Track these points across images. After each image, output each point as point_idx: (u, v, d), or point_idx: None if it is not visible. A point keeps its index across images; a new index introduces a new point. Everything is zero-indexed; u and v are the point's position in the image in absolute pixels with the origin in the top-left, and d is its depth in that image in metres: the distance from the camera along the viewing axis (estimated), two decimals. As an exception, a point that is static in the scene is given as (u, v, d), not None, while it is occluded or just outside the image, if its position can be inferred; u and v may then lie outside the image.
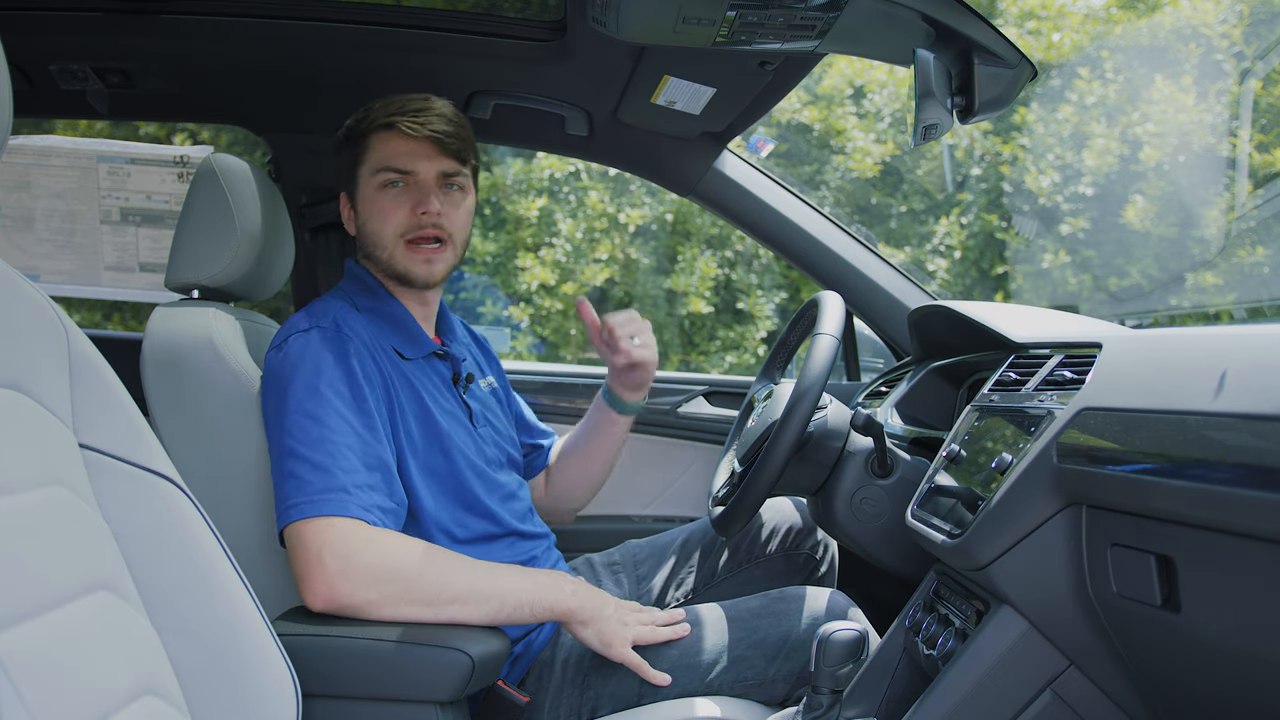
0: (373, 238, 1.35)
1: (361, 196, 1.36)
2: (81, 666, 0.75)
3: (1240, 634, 0.74)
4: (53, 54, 1.64)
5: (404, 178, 1.33)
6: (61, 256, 2.02)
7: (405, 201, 1.33)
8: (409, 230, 1.33)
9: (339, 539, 1.12)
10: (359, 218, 1.37)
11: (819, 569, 1.58)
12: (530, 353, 6.80)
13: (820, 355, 1.27)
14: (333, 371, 1.21)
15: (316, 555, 1.11)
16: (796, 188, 1.90)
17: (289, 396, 1.19)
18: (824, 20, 1.19)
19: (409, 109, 1.33)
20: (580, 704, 1.26)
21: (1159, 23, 6.75)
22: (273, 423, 1.21)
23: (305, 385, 1.19)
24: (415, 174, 1.33)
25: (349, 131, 1.38)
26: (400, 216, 1.33)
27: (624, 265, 6.85)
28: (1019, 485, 0.94)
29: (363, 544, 1.13)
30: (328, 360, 1.21)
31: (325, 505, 1.13)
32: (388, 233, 1.33)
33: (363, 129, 1.35)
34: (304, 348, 1.22)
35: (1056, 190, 6.74)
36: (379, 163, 1.33)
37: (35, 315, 0.85)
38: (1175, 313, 6.28)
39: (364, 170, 1.35)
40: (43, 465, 0.80)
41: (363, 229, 1.37)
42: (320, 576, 1.11)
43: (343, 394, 1.20)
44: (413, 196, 1.33)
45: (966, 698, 0.98)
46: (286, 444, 1.17)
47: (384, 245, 1.34)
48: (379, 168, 1.33)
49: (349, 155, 1.38)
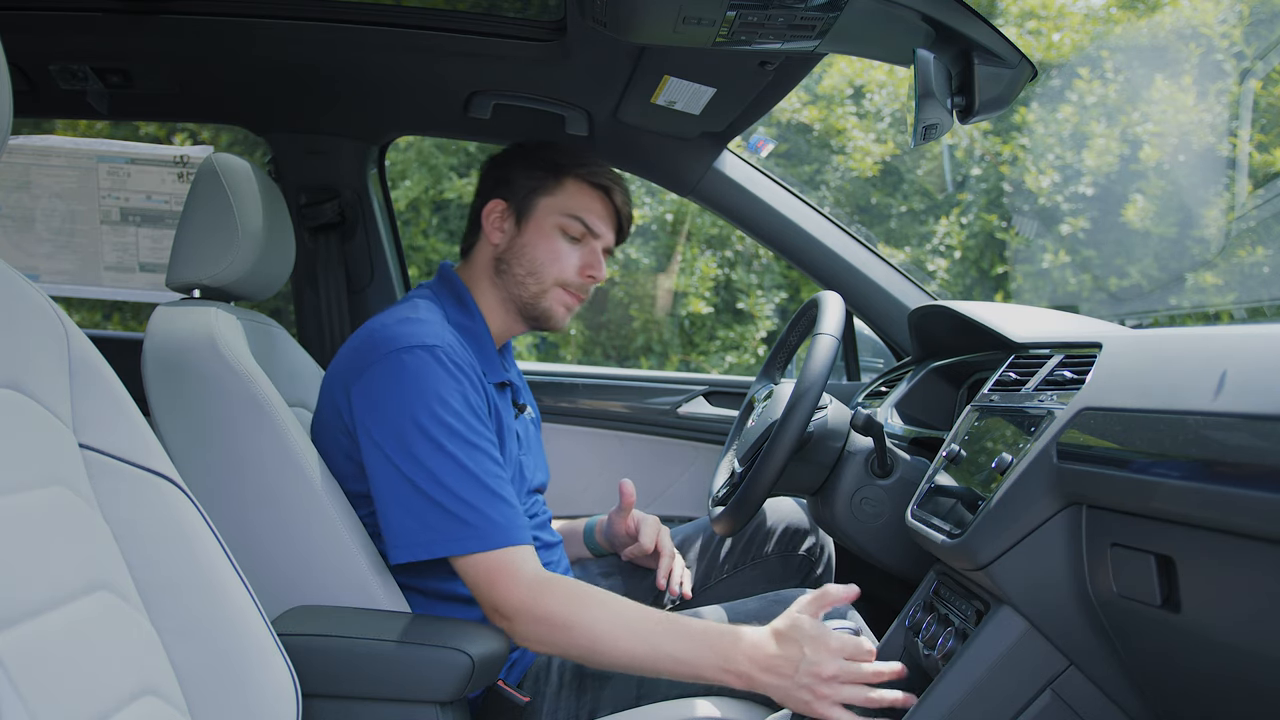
0: (531, 266, 1.36)
1: (536, 224, 1.37)
2: (82, 667, 0.75)
3: (1240, 634, 0.74)
4: (53, 54, 1.64)
5: (585, 235, 1.37)
6: (61, 256, 2.02)
7: (576, 255, 1.37)
8: (570, 284, 1.37)
9: (512, 561, 1.15)
10: (521, 238, 1.37)
11: (816, 570, 1.58)
12: (530, 353, 6.80)
13: (820, 355, 1.27)
14: (458, 401, 1.19)
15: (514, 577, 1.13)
16: (796, 188, 1.90)
17: (415, 421, 1.16)
18: (824, 20, 1.19)
19: (620, 185, 1.41)
20: (579, 707, 1.26)
21: (1159, 23, 6.75)
22: (390, 443, 1.17)
23: (432, 415, 1.16)
24: (598, 238, 1.39)
25: (547, 156, 1.39)
26: (569, 266, 1.37)
27: (624, 265, 6.85)
28: (1019, 485, 0.94)
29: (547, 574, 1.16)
30: (451, 388, 1.18)
31: (511, 534, 1.15)
32: (551, 273, 1.36)
33: (565, 165, 1.37)
34: (421, 369, 1.18)
35: (1056, 190, 6.74)
36: (575, 210, 1.37)
37: (35, 315, 0.85)
38: (1175, 313, 6.28)
39: (549, 202, 1.37)
40: (43, 465, 0.80)
41: (523, 253, 1.37)
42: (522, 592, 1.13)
43: (470, 424, 1.19)
44: (584, 254, 1.38)
45: (966, 698, 0.97)
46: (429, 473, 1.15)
47: (541, 280, 1.36)
48: (573, 214, 1.37)
49: (534, 176, 1.38)
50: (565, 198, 1.37)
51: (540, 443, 1.56)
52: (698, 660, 1.10)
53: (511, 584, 1.14)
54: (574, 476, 2.04)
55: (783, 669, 1.07)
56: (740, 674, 1.08)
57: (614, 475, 1.90)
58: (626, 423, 2.06)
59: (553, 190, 1.37)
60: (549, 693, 1.27)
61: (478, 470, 1.17)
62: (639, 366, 7.00)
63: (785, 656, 1.07)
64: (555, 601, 1.13)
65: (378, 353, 1.21)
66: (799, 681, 1.06)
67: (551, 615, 1.12)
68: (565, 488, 1.99)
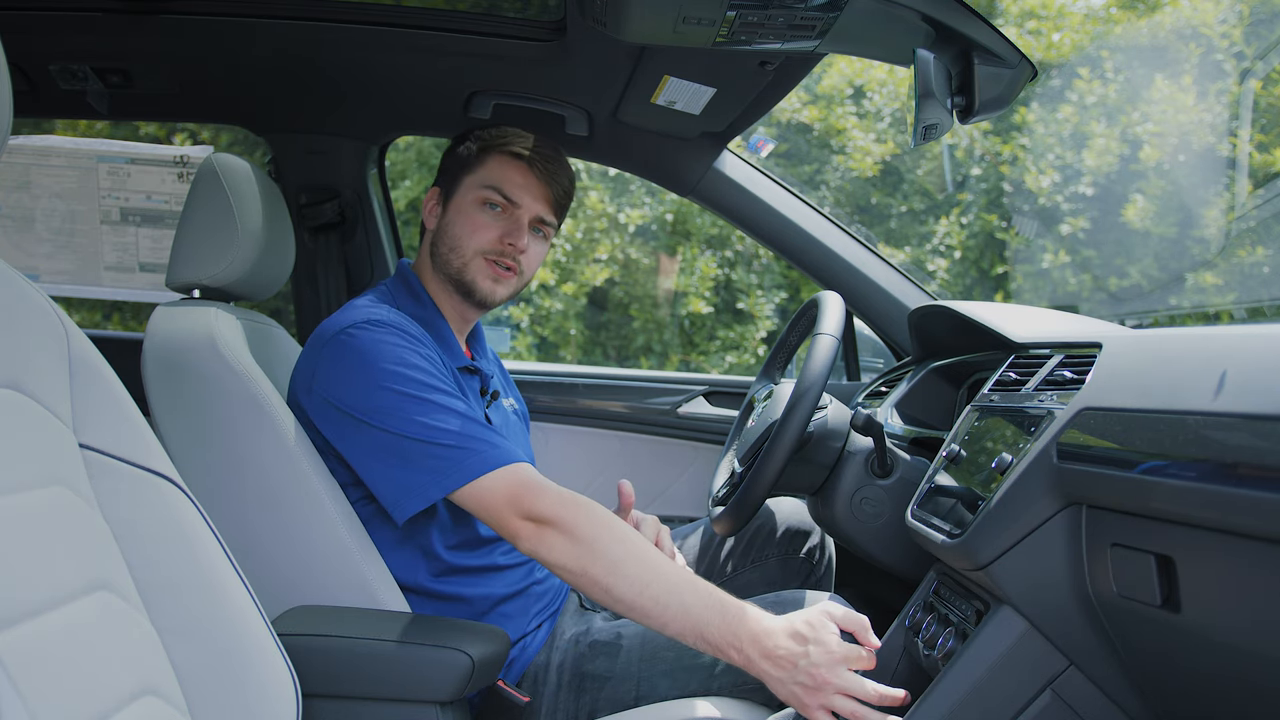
0: (452, 242, 1.38)
1: (457, 201, 1.39)
2: (82, 666, 0.75)
3: (1240, 634, 0.74)
4: (53, 54, 1.64)
5: (505, 205, 1.38)
6: (61, 256, 2.02)
7: (497, 226, 1.38)
8: (491, 252, 1.37)
9: (529, 474, 1.16)
10: (445, 218, 1.40)
11: (816, 571, 1.58)
12: (530, 353, 6.80)
13: (820, 355, 1.27)
14: (413, 357, 1.21)
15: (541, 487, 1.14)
16: (796, 188, 1.90)
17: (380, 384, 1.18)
18: (824, 20, 1.19)
19: (544, 152, 1.40)
20: (578, 707, 1.26)
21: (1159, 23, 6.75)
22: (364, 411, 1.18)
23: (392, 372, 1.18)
24: (519, 207, 1.38)
25: (470, 139, 1.41)
26: (488, 236, 1.37)
27: (624, 265, 6.85)
28: (1019, 485, 0.94)
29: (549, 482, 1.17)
30: (403, 348, 1.21)
31: (503, 455, 1.16)
32: (470, 245, 1.37)
33: (487, 144, 1.39)
34: (371, 338, 1.21)
35: (1056, 190, 6.74)
36: (490, 181, 1.38)
37: (35, 315, 0.85)
38: (1175, 313, 6.28)
39: (470, 179, 1.39)
40: (43, 465, 0.80)
41: (445, 230, 1.39)
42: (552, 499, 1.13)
43: (432, 374, 1.21)
44: (506, 225, 1.38)
45: (966, 698, 0.97)
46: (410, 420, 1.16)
47: (461, 254, 1.37)
48: (488, 185, 1.38)
49: (459, 160, 1.40)
50: (484, 172, 1.38)
51: (526, 436, 1.56)
52: (706, 619, 1.08)
53: (540, 492, 1.14)
54: (574, 476, 2.04)
55: (783, 662, 1.06)
56: (741, 651, 1.07)
57: (614, 475, 1.90)
58: (626, 423, 2.06)
59: (474, 168, 1.39)
60: (548, 692, 1.27)
61: (454, 407, 1.18)
62: (639, 366, 7.00)
63: (789, 650, 1.06)
64: (585, 518, 1.13)
65: (324, 340, 1.24)
66: (796, 678, 1.06)
67: (579, 530, 1.11)
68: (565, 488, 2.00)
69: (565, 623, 1.37)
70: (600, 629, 1.32)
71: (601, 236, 6.78)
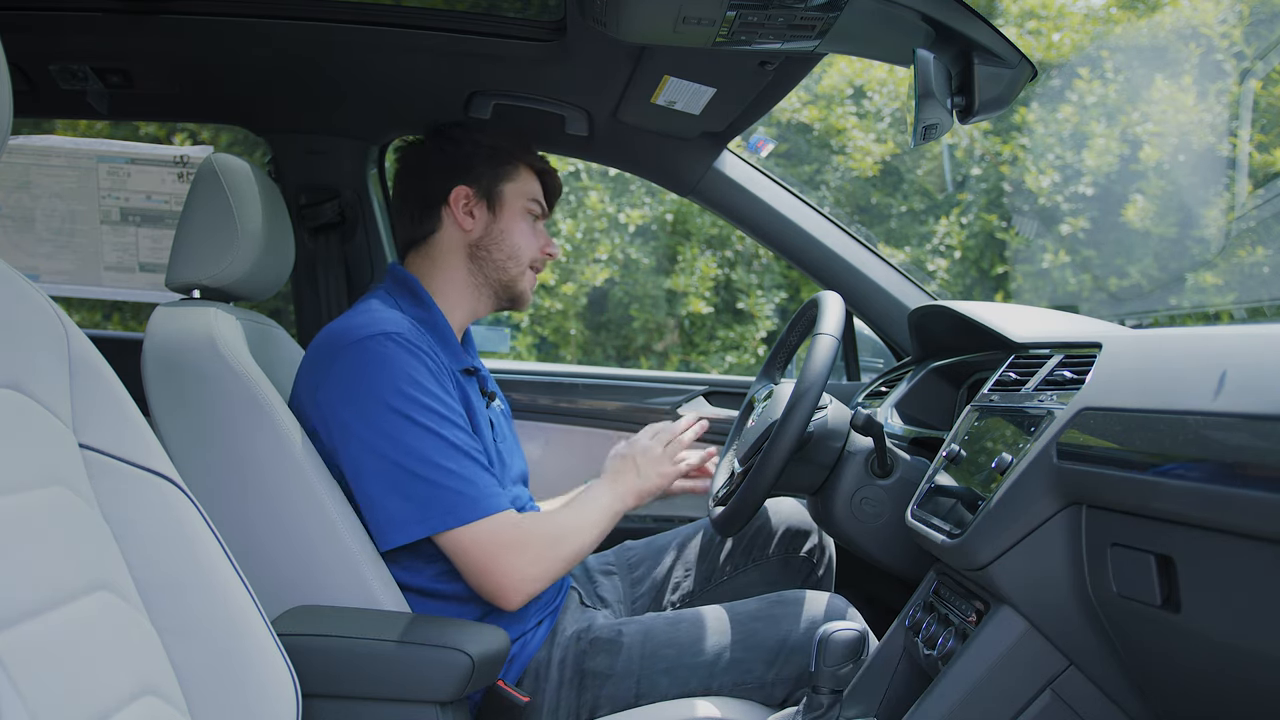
0: (511, 250, 1.43)
1: (509, 209, 1.43)
2: (82, 666, 0.75)
3: (1240, 634, 0.74)
4: (53, 54, 1.64)
5: (541, 216, 1.48)
6: (61, 256, 2.02)
7: (540, 235, 1.47)
8: (538, 261, 1.47)
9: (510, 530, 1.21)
10: (499, 226, 1.43)
11: (817, 571, 1.58)
12: (530, 353, 6.80)
13: (820, 355, 1.27)
14: (426, 378, 1.22)
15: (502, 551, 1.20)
16: (796, 188, 1.90)
17: (387, 403, 1.19)
18: (824, 20, 1.19)
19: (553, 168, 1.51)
20: (579, 705, 1.26)
21: (1159, 23, 6.75)
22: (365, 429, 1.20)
23: (402, 394, 1.19)
24: (547, 219, 1.51)
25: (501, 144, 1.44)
26: (537, 245, 1.46)
27: (624, 265, 6.85)
28: (1019, 485, 0.94)
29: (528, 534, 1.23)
30: (417, 367, 1.22)
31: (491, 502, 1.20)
32: (527, 256, 1.44)
33: (518, 153, 1.45)
34: (384, 354, 1.21)
35: (1056, 190, 6.73)
36: (534, 194, 1.46)
37: (35, 315, 0.85)
38: (1175, 313, 6.28)
39: (513, 188, 1.44)
40: (43, 465, 0.80)
41: (501, 238, 1.42)
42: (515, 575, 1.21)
43: (441, 400, 1.22)
44: (541, 234, 1.48)
45: (966, 698, 0.98)
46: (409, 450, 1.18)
47: (519, 262, 1.44)
48: (534, 198, 1.46)
49: (496, 163, 1.43)
50: (523, 183, 1.45)
51: (514, 433, 1.57)
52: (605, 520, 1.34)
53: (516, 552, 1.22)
54: (574, 476, 2.03)
55: (628, 474, 1.40)
56: (622, 505, 1.37)
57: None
58: (626, 423, 2.05)
59: (513, 176, 1.44)
60: (548, 692, 1.27)
61: (456, 441, 1.20)
62: (639, 366, 7.00)
63: (624, 468, 1.40)
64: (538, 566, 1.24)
65: (337, 348, 1.23)
66: (643, 474, 1.40)
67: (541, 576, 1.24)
68: (565, 488, 1.99)
69: (566, 620, 1.38)
70: (601, 626, 1.32)
71: (601, 236, 6.78)
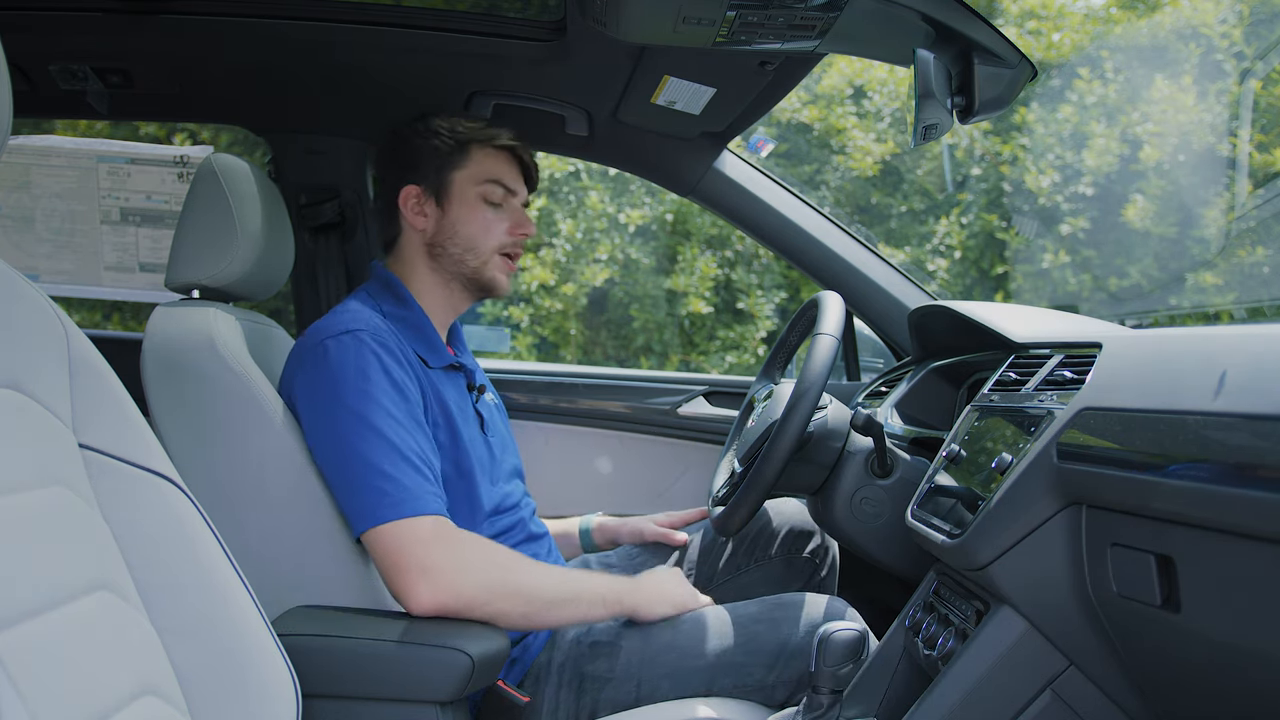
0: (467, 243, 1.39)
1: (458, 201, 1.39)
2: (81, 666, 0.75)
3: (1240, 634, 0.74)
4: (53, 54, 1.64)
5: (506, 196, 1.41)
6: (61, 256, 2.02)
7: (504, 219, 1.41)
8: (507, 246, 1.41)
9: (435, 534, 1.15)
10: (449, 219, 1.40)
11: (819, 572, 1.57)
12: (530, 353, 6.80)
13: (820, 355, 1.27)
14: (381, 378, 1.22)
15: (421, 551, 1.13)
16: (796, 188, 1.90)
17: (342, 401, 1.19)
18: (824, 20, 1.19)
19: (521, 139, 1.43)
20: (578, 708, 1.26)
21: (1159, 23, 6.75)
22: (323, 427, 1.21)
23: (357, 391, 1.20)
24: (516, 196, 1.42)
25: (445, 130, 1.40)
26: (501, 231, 1.40)
27: (624, 265, 6.85)
28: (1019, 485, 0.94)
29: (461, 539, 1.17)
30: (374, 366, 1.22)
31: (417, 504, 1.16)
32: (488, 244, 1.40)
33: (467, 137, 1.39)
34: (344, 353, 1.22)
35: (1056, 190, 6.73)
36: (487, 175, 1.40)
37: (35, 315, 0.85)
38: (1175, 313, 6.28)
39: (463, 175, 1.40)
40: (43, 465, 0.80)
41: (453, 231, 1.39)
42: (430, 574, 1.12)
43: (395, 400, 1.21)
44: (510, 216, 1.41)
45: (966, 698, 0.98)
46: (353, 449, 1.18)
47: (480, 254, 1.40)
48: (487, 179, 1.39)
49: (437, 155, 1.40)
50: (476, 166, 1.40)
51: (508, 426, 1.57)
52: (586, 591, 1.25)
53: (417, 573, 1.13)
54: (574, 476, 2.04)
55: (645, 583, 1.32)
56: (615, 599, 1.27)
57: (614, 475, 1.89)
58: (626, 423, 2.05)
59: (462, 164, 1.40)
60: (549, 692, 1.27)
61: (397, 442, 1.18)
62: (639, 366, 7.00)
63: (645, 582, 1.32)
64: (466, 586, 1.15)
65: (305, 346, 1.25)
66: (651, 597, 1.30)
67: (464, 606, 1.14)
68: (565, 488, 1.99)
69: (566, 623, 1.37)
70: (601, 630, 1.32)
71: (601, 236, 6.78)
